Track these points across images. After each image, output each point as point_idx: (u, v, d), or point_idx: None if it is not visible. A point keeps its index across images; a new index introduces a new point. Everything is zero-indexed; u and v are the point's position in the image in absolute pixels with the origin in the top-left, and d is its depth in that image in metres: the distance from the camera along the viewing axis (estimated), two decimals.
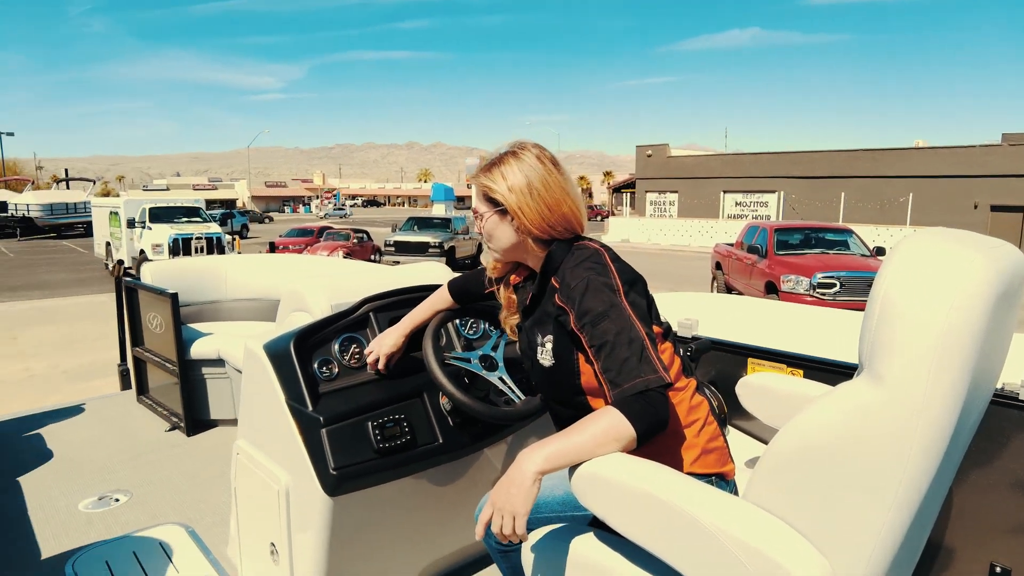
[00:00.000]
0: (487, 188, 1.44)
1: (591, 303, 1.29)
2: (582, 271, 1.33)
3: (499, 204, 1.43)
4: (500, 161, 1.44)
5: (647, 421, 1.18)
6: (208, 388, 3.61)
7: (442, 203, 35.05)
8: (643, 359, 1.22)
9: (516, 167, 1.42)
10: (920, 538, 1.12)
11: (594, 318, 1.28)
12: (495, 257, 1.57)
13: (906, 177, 27.50)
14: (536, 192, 1.40)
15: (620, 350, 1.23)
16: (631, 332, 1.25)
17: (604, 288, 1.30)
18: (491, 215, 1.46)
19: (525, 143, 1.46)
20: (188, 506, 2.69)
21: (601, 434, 1.18)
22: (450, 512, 2.06)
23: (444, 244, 17.33)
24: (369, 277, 2.19)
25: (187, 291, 3.95)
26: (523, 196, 1.40)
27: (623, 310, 1.27)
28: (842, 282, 9.21)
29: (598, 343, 1.26)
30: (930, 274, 0.92)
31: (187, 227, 15.69)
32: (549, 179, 1.41)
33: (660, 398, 1.20)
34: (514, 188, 1.41)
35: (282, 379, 1.76)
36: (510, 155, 1.44)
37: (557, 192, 1.41)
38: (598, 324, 1.27)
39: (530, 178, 1.40)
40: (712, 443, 1.40)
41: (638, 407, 1.19)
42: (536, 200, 1.40)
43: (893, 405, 0.93)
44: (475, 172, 1.50)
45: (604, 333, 1.26)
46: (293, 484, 1.78)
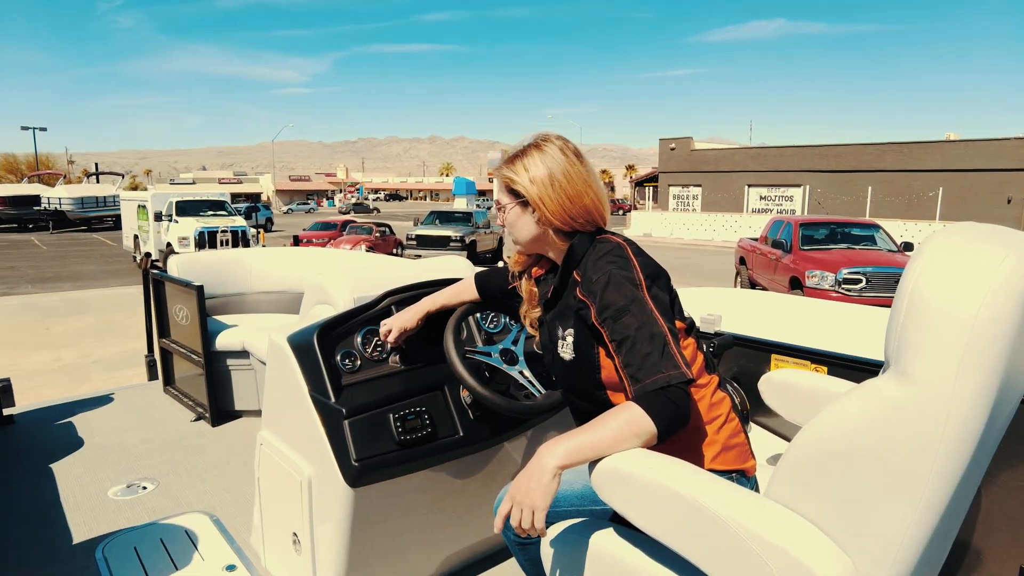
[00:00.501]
0: (509, 180, 1.45)
1: (612, 297, 1.28)
2: (604, 264, 1.33)
3: (521, 196, 1.44)
4: (523, 153, 1.44)
5: (668, 417, 1.18)
6: (233, 379, 3.67)
7: (464, 197, 35.15)
8: (664, 354, 1.21)
9: (538, 159, 1.42)
10: (947, 539, 1.10)
11: (615, 312, 1.27)
12: (517, 249, 1.57)
13: (936, 171, 26.95)
14: (557, 183, 1.40)
15: (641, 345, 1.22)
16: (653, 327, 1.24)
17: (626, 282, 1.29)
18: (513, 207, 1.47)
19: (548, 135, 1.46)
20: (213, 495, 2.73)
21: (621, 430, 1.18)
22: (470, 505, 2.07)
23: (465, 238, 17.37)
24: (391, 271, 2.20)
25: (212, 284, 4.01)
26: (544, 187, 1.40)
27: (645, 304, 1.26)
28: (868, 278, 9.06)
29: (619, 337, 1.25)
30: (960, 269, 0.90)
31: (212, 220, 15.90)
32: (571, 171, 1.41)
33: (681, 394, 1.19)
34: (535, 180, 1.41)
35: (305, 371, 1.78)
36: (532, 147, 1.44)
37: (579, 184, 1.41)
38: (619, 318, 1.26)
39: (551, 169, 1.40)
40: (733, 439, 1.39)
41: (659, 403, 1.18)
42: (557, 191, 1.40)
43: (920, 403, 0.92)
44: (498, 164, 1.51)
45: (625, 328, 1.25)
46: (315, 475, 1.80)
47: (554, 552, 1.42)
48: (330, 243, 17.95)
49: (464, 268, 2.34)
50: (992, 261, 0.89)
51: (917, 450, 0.93)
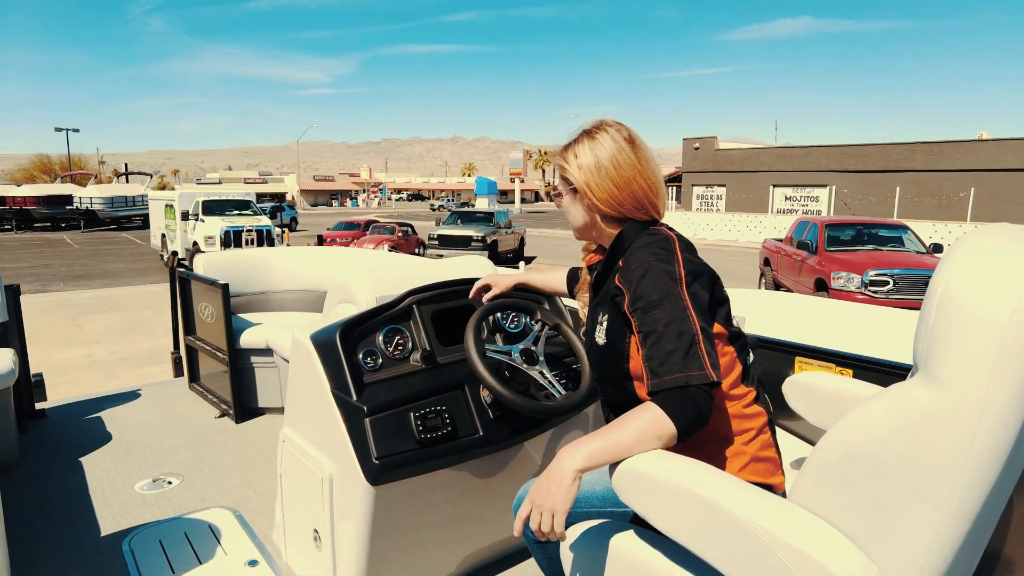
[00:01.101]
0: (561, 167, 1.48)
1: (646, 288, 1.27)
2: (646, 254, 1.32)
3: (571, 183, 1.47)
4: (575, 141, 1.46)
5: (687, 417, 1.17)
6: (256, 377, 3.71)
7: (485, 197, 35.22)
8: (690, 354, 1.19)
9: (588, 146, 1.43)
10: (977, 548, 1.08)
11: (647, 304, 1.26)
12: (575, 235, 1.59)
13: (968, 171, 26.37)
14: (604, 170, 1.41)
15: (667, 342, 1.21)
16: (683, 324, 1.22)
17: (664, 275, 1.27)
18: (566, 192, 1.50)
19: (606, 121, 1.47)
20: (236, 491, 2.77)
21: (641, 431, 1.17)
22: (489, 504, 2.07)
23: (487, 238, 17.40)
24: (413, 270, 2.21)
25: (237, 282, 4.06)
26: (591, 174, 1.42)
27: (679, 300, 1.24)
28: (896, 280, 8.90)
29: (647, 330, 1.24)
30: (993, 272, 0.88)
31: (238, 220, 16.11)
32: (619, 157, 1.41)
33: (702, 394, 1.18)
34: (583, 167, 1.42)
35: (328, 369, 1.79)
36: (584, 135, 1.46)
37: (627, 170, 1.41)
38: (650, 311, 1.25)
39: (599, 157, 1.41)
40: (763, 452, 1.37)
41: (678, 403, 1.17)
42: (603, 178, 1.40)
43: (950, 408, 0.89)
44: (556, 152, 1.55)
45: (654, 321, 1.24)
46: (337, 472, 1.81)
47: (574, 553, 1.41)
48: (353, 243, 18.09)
49: (485, 268, 2.35)
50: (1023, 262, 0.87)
51: (947, 456, 0.91)
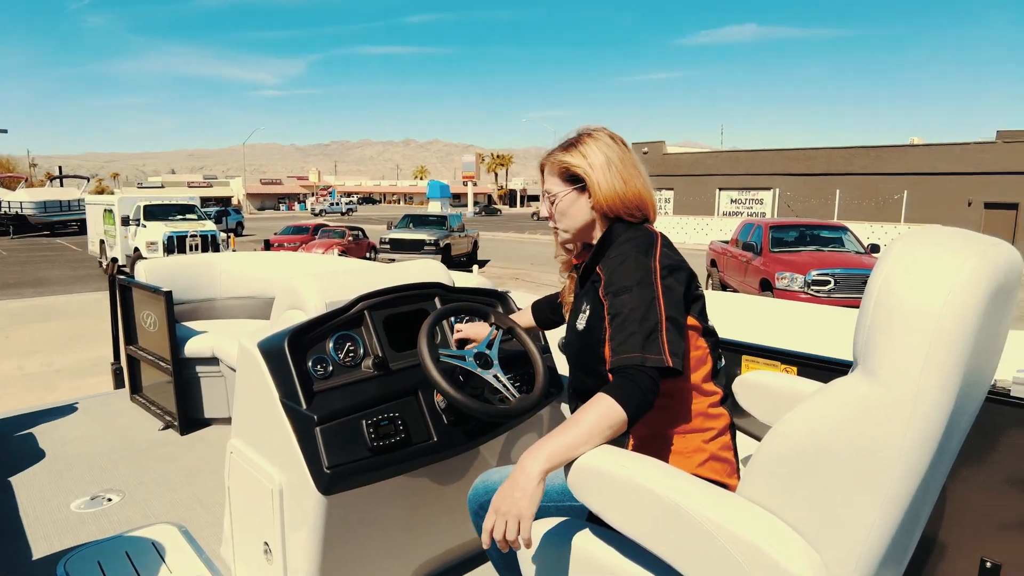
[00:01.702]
0: (568, 165, 1.51)
1: (620, 274, 1.34)
2: (627, 247, 1.39)
3: (577, 181, 1.50)
4: (577, 141, 1.52)
5: (635, 402, 1.20)
6: (202, 386, 3.60)
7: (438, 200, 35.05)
8: (650, 339, 1.24)
9: (593, 145, 1.50)
10: (913, 534, 1.12)
11: (618, 289, 1.33)
12: (564, 238, 1.60)
13: (902, 174, 27.59)
14: (614, 167, 1.48)
15: (630, 325, 1.27)
16: (648, 311, 1.27)
17: (639, 265, 1.34)
18: (568, 192, 1.53)
19: (595, 126, 1.56)
20: (181, 505, 2.68)
21: (595, 422, 1.19)
22: (445, 510, 2.06)
23: (440, 241, 17.32)
24: (364, 275, 2.18)
25: (181, 289, 3.94)
26: (602, 171, 1.47)
27: (650, 289, 1.30)
28: (837, 279, 9.23)
29: (614, 312, 1.31)
30: (924, 271, 0.92)
31: (182, 225, 15.62)
32: (624, 156, 1.50)
33: (647, 378, 1.21)
34: (594, 164, 1.48)
35: (276, 377, 1.75)
36: (586, 136, 1.53)
37: (631, 168, 1.49)
38: (620, 295, 1.32)
39: (608, 155, 1.49)
40: (723, 452, 1.41)
41: (627, 389, 1.21)
42: (613, 175, 1.47)
43: (886, 400, 0.93)
44: (548, 153, 1.58)
45: (622, 305, 1.30)
46: (287, 483, 1.77)
47: (531, 554, 1.41)
48: (302, 247, 17.77)
49: (439, 272, 2.33)
50: (954, 262, 0.92)
51: (883, 447, 0.94)
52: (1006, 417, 1.52)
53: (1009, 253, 0.99)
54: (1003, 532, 1.54)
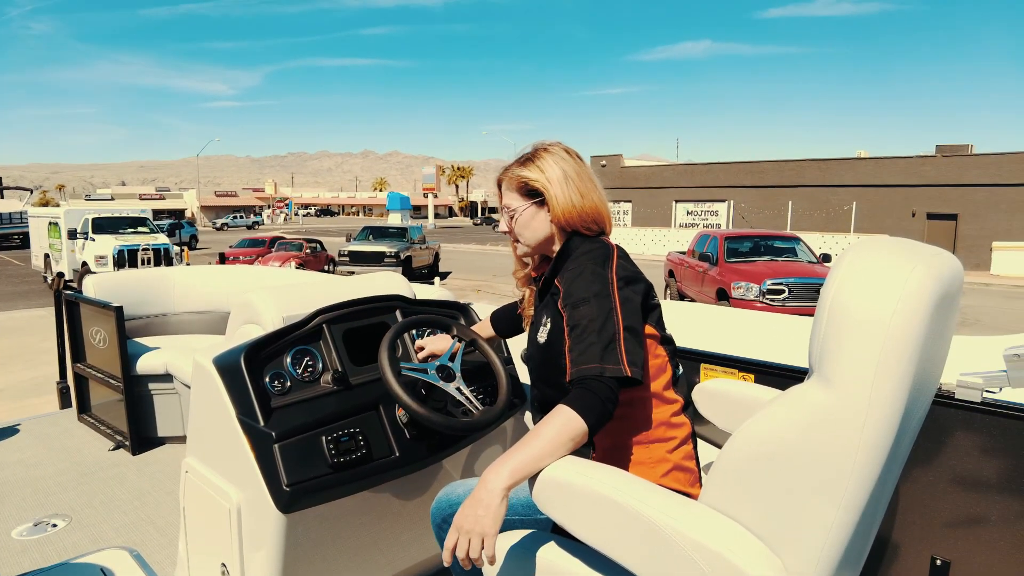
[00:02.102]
0: (526, 180, 1.52)
1: (578, 286, 1.35)
2: (584, 259, 1.40)
3: (536, 195, 1.51)
4: (534, 156, 1.54)
5: (595, 412, 1.21)
6: (155, 404, 3.49)
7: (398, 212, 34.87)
8: (608, 349, 1.25)
9: (550, 160, 1.51)
10: (868, 535, 1.15)
11: (576, 301, 1.34)
12: (523, 252, 1.62)
13: (850, 186, 28.54)
14: (571, 180, 1.49)
15: (589, 335, 1.27)
16: (606, 322, 1.28)
17: (595, 277, 1.35)
18: (527, 207, 1.53)
19: (550, 141, 1.57)
20: (133, 528, 2.58)
21: (556, 435, 1.19)
22: (408, 525, 2.03)
23: (400, 254, 17.20)
24: (322, 288, 2.15)
25: (133, 304, 3.82)
26: (560, 184, 1.49)
27: (607, 300, 1.32)
28: (790, 288, 9.47)
29: (572, 324, 1.32)
30: (874, 282, 0.96)
31: (133, 238, 15.17)
32: (579, 170, 1.52)
33: (605, 388, 1.22)
34: (552, 179, 1.49)
35: (232, 394, 1.71)
36: (542, 151, 1.54)
37: (587, 182, 1.51)
38: (578, 307, 1.33)
39: (564, 168, 1.50)
40: (686, 462, 1.42)
41: (586, 400, 1.21)
42: (571, 188, 1.49)
43: (840, 407, 0.96)
44: (505, 168, 1.59)
45: (580, 316, 1.31)
46: (245, 502, 1.73)
47: (495, 569, 1.41)
48: (258, 260, 17.44)
49: (400, 284, 2.31)
50: (902, 272, 0.95)
51: (838, 452, 0.97)
52: (951, 419, 1.57)
53: (952, 263, 1.04)
54: (952, 530, 1.59)
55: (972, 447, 1.55)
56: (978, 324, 11.84)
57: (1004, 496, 1.52)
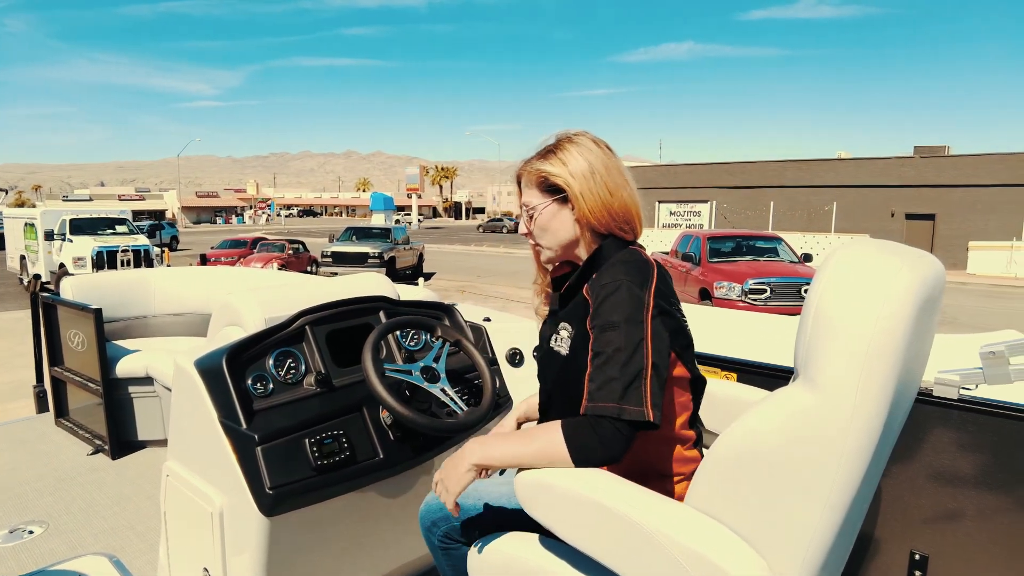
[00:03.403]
0: (546, 174, 1.35)
1: (610, 307, 1.21)
2: (620, 272, 1.25)
3: (557, 192, 1.35)
4: (557, 147, 1.36)
5: (585, 456, 1.16)
6: (135, 408, 3.45)
7: (382, 213, 34.73)
8: (631, 387, 1.15)
9: (575, 152, 1.34)
10: (851, 534, 1.17)
11: (605, 323, 1.21)
12: (547, 257, 1.44)
13: (831, 187, 28.85)
14: (599, 176, 1.32)
15: (612, 368, 1.17)
16: (634, 355, 1.17)
17: (631, 298, 1.21)
18: (548, 204, 1.36)
19: (575, 129, 1.39)
20: (112, 534, 2.55)
21: (540, 453, 1.19)
22: (392, 527, 2.02)
23: (384, 254, 17.13)
24: (305, 289, 2.13)
25: (112, 306, 3.77)
26: (586, 180, 1.32)
27: (638, 329, 1.18)
28: (772, 288, 9.55)
29: (597, 350, 1.20)
30: (860, 285, 0.97)
31: (112, 239, 14.97)
32: (609, 163, 1.34)
33: (616, 433, 1.14)
34: (576, 173, 1.32)
35: (214, 396, 1.70)
36: (566, 141, 1.36)
37: (617, 176, 1.34)
38: (606, 331, 1.20)
39: (591, 162, 1.33)
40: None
41: (585, 440, 1.16)
42: (599, 184, 1.32)
43: (827, 410, 0.97)
44: (524, 162, 1.41)
45: (607, 343, 1.19)
46: (228, 505, 1.71)
47: (479, 564, 1.41)
48: (240, 261, 17.28)
49: (383, 285, 2.30)
50: (887, 277, 0.96)
51: (823, 455, 0.98)
52: (929, 416, 1.60)
53: (935, 265, 1.05)
54: (930, 525, 1.62)
55: (950, 443, 1.58)
56: (955, 323, 12.02)
57: (980, 490, 1.54)
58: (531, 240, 1.44)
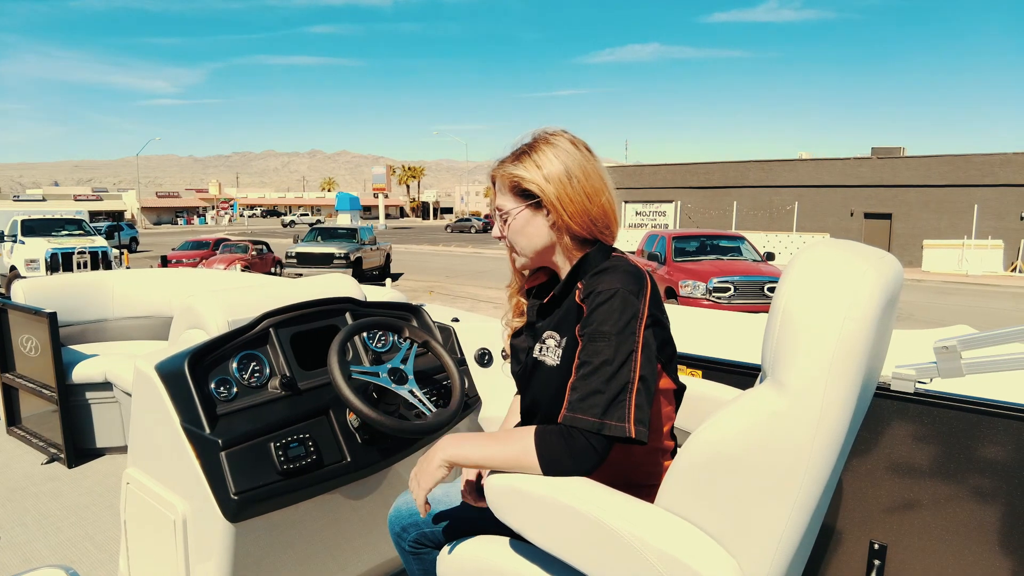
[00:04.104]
0: (518, 179, 1.28)
1: (602, 316, 1.16)
2: (615, 279, 1.19)
3: (532, 197, 1.28)
4: (532, 148, 1.29)
5: (556, 467, 1.14)
6: (93, 414, 3.35)
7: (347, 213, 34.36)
8: (616, 402, 1.12)
9: (551, 153, 1.26)
10: (816, 529, 1.19)
11: (595, 333, 1.16)
12: (522, 263, 1.39)
13: (793, 187, 29.48)
14: (576, 180, 1.25)
15: (596, 380, 1.13)
16: (621, 368, 1.13)
17: (626, 307, 1.16)
18: (522, 210, 1.29)
19: (553, 128, 1.32)
20: (69, 545, 2.47)
21: (511, 457, 1.18)
22: (361, 531, 2.00)
23: (350, 255, 16.94)
24: (269, 291, 2.10)
25: (68, 310, 3.66)
26: (562, 185, 1.25)
27: (629, 341, 1.15)
28: (736, 286, 9.72)
29: (584, 359, 1.17)
30: (826, 287, 0.99)
31: (67, 241, 14.56)
32: (587, 166, 1.27)
33: (589, 448, 1.13)
34: (551, 177, 1.25)
35: (176, 401, 1.66)
36: (542, 141, 1.29)
37: (596, 181, 1.27)
38: (595, 340, 1.16)
39: (568, 165, 1.26)
40: None
41: (557, 453, 1.14)
42: (576, 189, 1.25)
43: (795, 411, 0.99)
44: (499, 162, 1.34)
45: (595, 353, 1.15)
46: (191, 512, 1.67)
47: (449, 567, 1.40)
48: (202, 263, 16.94)
49: (349, 286, 2.28)
50: (852, 278, 0.98)
51: (791, 454, 1.00)
52: (887, 409, 1.64)
53: (895, 265, 1.08)
54: (888, 515, 1.66)
55: (906, 436, 1.63)
56: (911, 319, 12.38)
57: (936, 481, 1.59)
58: (506, 244, 1.39)
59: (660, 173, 34.17)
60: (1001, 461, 1.51)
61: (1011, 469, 1.50)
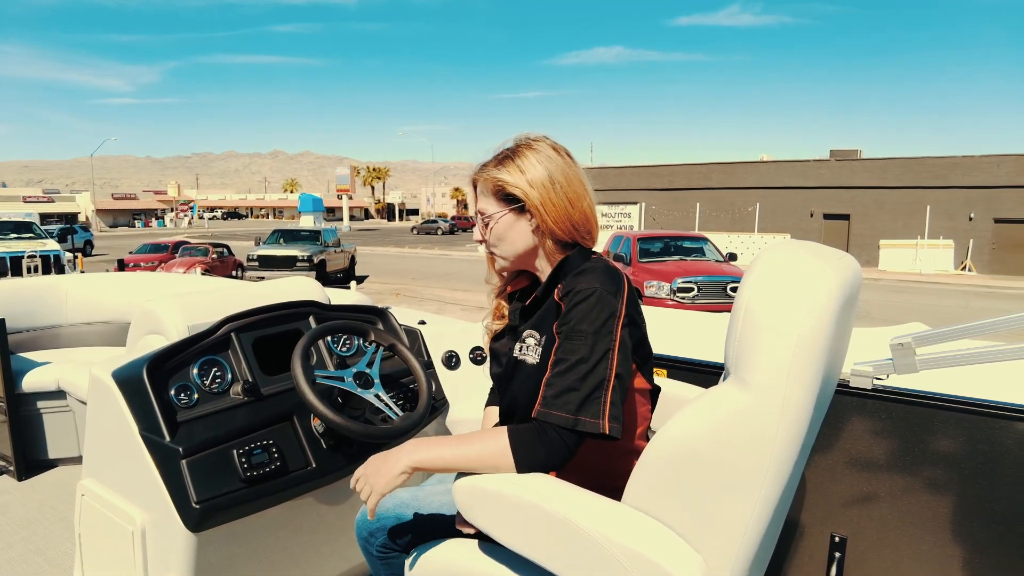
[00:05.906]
0: (502, 183, 1.30)
1: (580, 314, 1.18)
2: (594, 280, 1.22)
3: (515, 201, 1.30)
4: (515, 153, 1.31)
5: (530, 463, 1.16)
6: (45, 424, 3.24)
7: (311, 214, 33.93)
8: (590, 399, 1.14)
9: (533, 159, 1.29)
10: (779, 524, 1.22)
11: (571, 331, 1.18)
12: (502, 266, 1.40)
13: (754, 188, 30.08)
14: (559, 185, 1.28)
15: (571, 377, 1.15)
16: (597, 366, 1.15)
17: (604, 308, 1.18)
18: (504, 214, 1.32)
19: (535, 134, 1.35)
20: (20, 562, 2.39)
21: (483, 458, 1.18)
22: (328, 538, 1.98)
23: (314, 257, 16.71)
24: (230, 295, 2.06)
25: (17, 316, 3.53)
26: (545, 191, 1.28)
27: (606, 339, 1.17)
28: (699, 286, 9.87)
29: (560, 356, 1.18)
30: (787, 287, 1.01)
31: (16, 244, 14.10)
32: (569, 172, 1.30)
33: (562, 443, 1.15)
34: (535, 182, 1.28)
35: (134, 409, 1.62)
36: (525, 147, 1.32)
37: (578, 186, 1.31)
38: (572, 338, 1.18)
39: (551, 171, 1.29)
40: None
41: (531, 448, 1.16)
42: (559, 194, 1.28)
43: (757, 408, 1.01)
44: (481, 166, 1.36)
45: (571, 351, 1.17)
46: (150, 523, 1.63)
47: (418, 571, 1.39)
48: (161, 266, 16.55)
49: (313, 289, 2.24)
50: (812, 279, 1.01)
51: (755, 451, 1.02)
52: (846, 405, 1.69)
53: (853, 266, 1.11)
54: (848, 509, 1.70)
55: (865, 431, 1.67)
56: (868, 317, 12.72)
57: (892, 474, 1.64)
58: (487, 247, 1.40)
59: (625, 175, 34.53)
60: (954, 454, 1.56)
61: (963, 461, 1.55)
